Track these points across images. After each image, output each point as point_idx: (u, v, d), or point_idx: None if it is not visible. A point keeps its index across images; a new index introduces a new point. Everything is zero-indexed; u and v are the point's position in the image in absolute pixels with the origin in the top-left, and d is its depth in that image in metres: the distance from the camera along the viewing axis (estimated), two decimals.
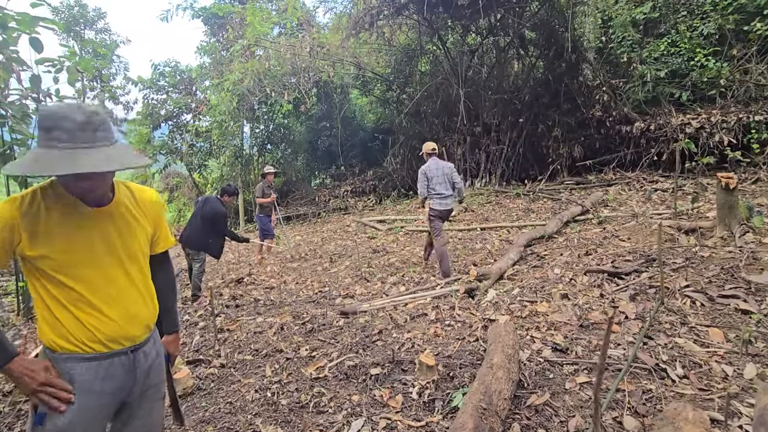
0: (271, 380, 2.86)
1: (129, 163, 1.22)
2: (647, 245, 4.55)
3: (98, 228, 1.29)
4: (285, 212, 14.56)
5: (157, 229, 1.51)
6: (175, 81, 16.28)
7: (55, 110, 1.14)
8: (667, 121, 8.82)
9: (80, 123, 1.14)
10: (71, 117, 1.13)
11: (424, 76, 12.83)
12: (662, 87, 9.70)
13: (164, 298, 1.57)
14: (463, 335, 3.19)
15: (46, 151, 1.12)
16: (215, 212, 5.08)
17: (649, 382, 2.22)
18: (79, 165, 1.11)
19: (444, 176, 5.02)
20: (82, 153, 1.13)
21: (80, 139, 1.14)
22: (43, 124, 1.13)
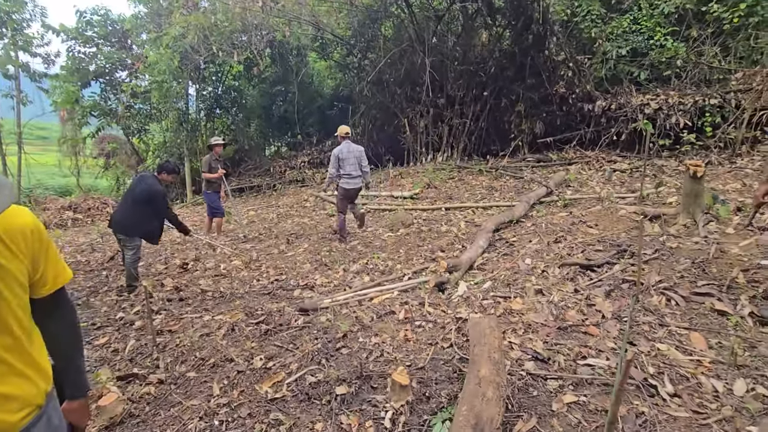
0: (219, 402, 2.46)
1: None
2: (615, 232, 4.50)
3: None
4: (237, 183, 13.63)
5: (39, 265, 1.06)
6: (106, 32, 14.30)
7: None
8: (627, 100, 8.89)
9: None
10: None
11: (388, 41, 12.08)
12: (623, 65, 9.73)
13: (64, 353, 1.18)
14: (436, 339, 2.94)
15: None
16: (150, 191, 4.41)
17: (640, 403, 2.07)
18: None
19: (355, 159, 5.63)
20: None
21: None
22: None
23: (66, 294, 1.20)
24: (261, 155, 15.97)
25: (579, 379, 2.31)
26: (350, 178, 5.66)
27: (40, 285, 1.09)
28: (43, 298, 1.11)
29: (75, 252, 6.91)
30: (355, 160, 5.67)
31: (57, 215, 11.50)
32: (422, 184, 9.01)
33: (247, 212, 9.72)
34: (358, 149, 5.76)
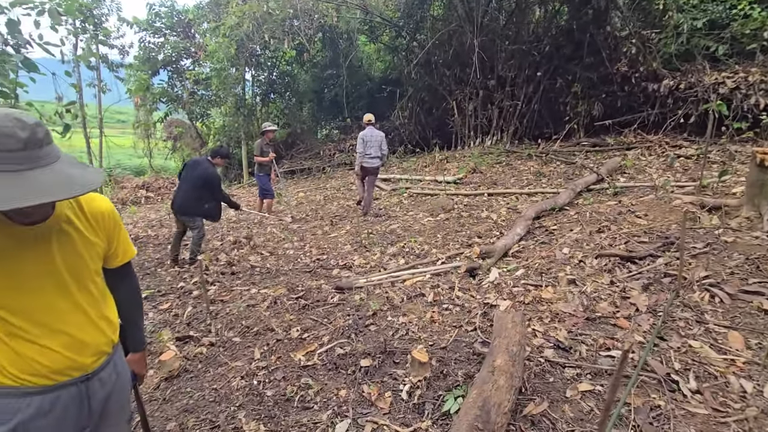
0: (259, 365, 2.76)
1: (90, 182, 1.04)
2: (665, 224, 4.25)
3: (32, 248, 1.10)
4: (289, 166, 14.24)
5: (113, 242, 1.32)
6: (172, 23, 15.32)
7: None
8: (699, 79, 8.09)
9: (22, 140, 0.95)
10: (10, 135, 0.94)
11: (437, 21, 11.85)
12: (697, 39, 8.80)
13: (128, 314, 1.43)
14: (461, 323, 3.03)
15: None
16: (207, 176, 4.82)
17: (658, 396, 2.05)
18: (30, 193, 0.92)
19: (376, 143, 6.58)
20: (19, 180, 0.93)
21: (20, 162, 0.95)
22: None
23: (131, 266, 1.46)
24: (312, 138, 16.49)
25: (598, 369, 2.31)
26: (370, 158, 6.62)
27: (113, 258, 1.35)
28: (115, 269, 1.37)
29: (146, 227, 7.70)
30: (377, 144, 6.59)
31: (132, 193, 12.79)
32: (467, 169, 8.90)
33: (297, 194, 10.20)
34: (380, 135, 6.69)
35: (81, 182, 1.02)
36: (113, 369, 1.31)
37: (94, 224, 1.24)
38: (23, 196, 0.91)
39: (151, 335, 3.33)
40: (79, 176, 1.03)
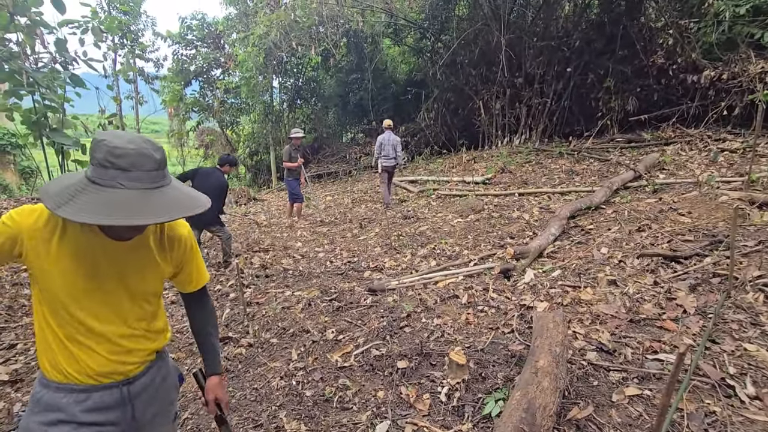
0: (297, 366, 2.81)
1: (203, 203, 1.10)
2: (712, 221, 4.05)
3: (113, 263, 1.16)
4: (316, 170, 14.45)
5: (185, 267, 1.35)
6: (203, 35, 15.92)
7: (129, 150, 0.97)
8: (743, 68, 7.66)
9: (157, 161, 1.01)
10: (149, 156, 1.00)
11: (462, 21, 11.75)
12: (740, 27, 8.34)
13: (204, 338, 1.46)
14: (497, 324, 2.99)
15: (119, 192, 0.96)
16: (222, 185, 5.05)
17: (713, 402, 1.95)
18: (159, 211, 0.98)
19: (392, 146, 7.70)
20: (158, 196, 1.00)
21: (154, 180, 1.01)
22: (118, 164, 0.97)
23: (206, 291, 1.45)
24: (338, 142, 16.70)
25: (645, 373, 2.22)
26: (387, 158, 7.76)
27: (186, 283, 1.37)
28: (190, 294, 1.41)
29: None
30: (392, 146, 7.71)
31: None
32: (496, 169, 8.77)
33: (325, 197, 10.34)
34: (396, 139, 7.79)
35: (197, 202, 1.08)
36: (157, 372, 1.34)
37: (168, 248, 1.28)
38: (157, 213, 0.97)
39: (191, 337, 3.45)
40: (192, 196, 1.09)
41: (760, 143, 6.59)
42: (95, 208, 0.93)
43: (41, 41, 5.51)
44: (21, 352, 3.34)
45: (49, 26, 5.32)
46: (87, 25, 6.41)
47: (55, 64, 5.69)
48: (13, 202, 9.20)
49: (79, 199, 0.94)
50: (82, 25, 6.28)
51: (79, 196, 0.95)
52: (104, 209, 0.93)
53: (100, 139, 0.99)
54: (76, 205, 0.93)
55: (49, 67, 5.40)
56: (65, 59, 5.70)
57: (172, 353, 3.19)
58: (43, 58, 5.65)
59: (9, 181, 14.42)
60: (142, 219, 0.95)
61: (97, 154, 0.98)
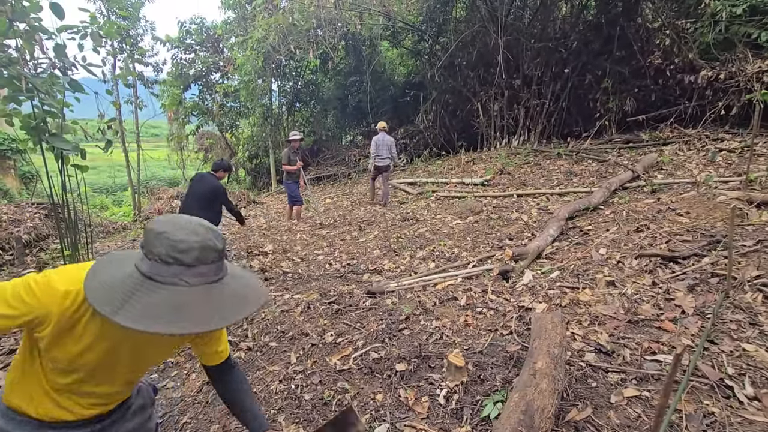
0: (296, 369, 2.81)
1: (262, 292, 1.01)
2: (710, 221, 4.05)
3: (135, 346, 1.12)
4: (315, 173, 14.47)
5: (202, 342, 1.29)
6: (202, 39, 15.95)
7: (194, 244, 0.88)
8: (740, 68, 7.69)
9: (219, 252, 0.92)
10: (213, 248, 0.90)
11: (459, 24, 11.79)
12: (737, 27, 8.37)
13: (241, 405, 1.34)
14: (496, 326, 2.98)
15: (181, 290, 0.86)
16: (214, 189, 4.97)
17: (711, 403, 1.95)
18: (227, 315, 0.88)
19: (386, 146, 8.09)
20: (219, 289, 0.91)
21: (216, 272, 0.92)
22: (182, 260, 0.87)
23: (231, 361, 1.36)
24: (337, 145, 16.73)
25: (644, 374, 2.22)
26: (380, 158, 8.15)
27: (211, 358, 1.31)
28: (216, 366, 1.33)
29: None
30: (386, 147, 8.11)
31: (168, 203, 13.31)
32: (494, 170, 8.78)
33: (324, 200, 10.34)
34: (390, 140, 8.19)
35: (258, 293, 0.99)
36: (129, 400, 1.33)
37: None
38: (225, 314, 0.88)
39: None
40: (251, 284, 1.00)
41: (758, 143, 6.60)
42: (159, 313, 0.83)
43: (40, 47, 5.51)
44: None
45: (48, 32, 5.33)
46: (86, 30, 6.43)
47: (54, 69, 5.71)
48: (14, 207, 9.21)
49: (138, 302, 0.84)
50: (81, 30, 6.30)
51: (136, 298, 0.85)
52: (169, 314, 0.83)
53: (160, 230, 0.89)
54: (135, 310, 0.83)
55: (49, 73, 5.41)
56: (64, 64, 5.72)
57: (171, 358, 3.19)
58: (42, 63, 5.66)
59: (9, 186, 14.43)
60: (212, 324, 0.85)
61: (157, 249, 0.87)
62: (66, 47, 5.84)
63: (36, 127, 5.00)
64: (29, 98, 4.90)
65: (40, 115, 5.02)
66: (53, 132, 5.10)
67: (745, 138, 7.25)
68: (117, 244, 8.06)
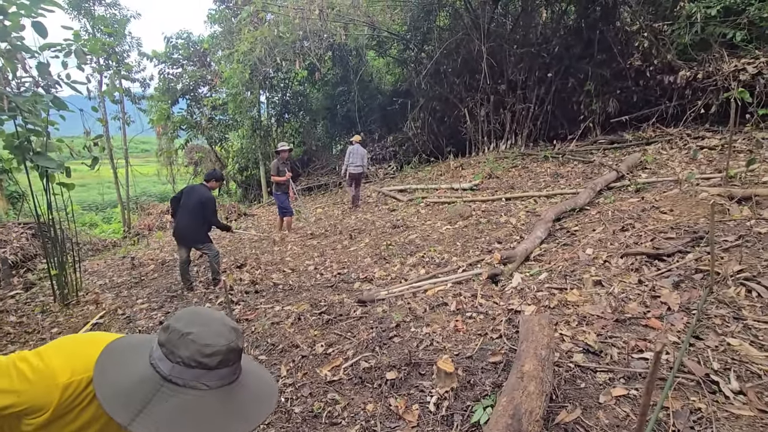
0: (285, 382, 2.78)
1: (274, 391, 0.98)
2: (693, 218, 4.11)
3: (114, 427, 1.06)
4: (306, 183, 14.46)
5: None
6: (189, 53, 15.98)
7: (220, 347, 0.84)
8: (717, 67, 7.88)
9: (239, 351, 0.88)
10: (235, 349, 0.87)
11: (443, 32, 11.95)
12: (713, 27, 8.59)
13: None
14: (486, 330, 2.99)
15: (194, 398, 0.82)
16: (206, 199, 4.98)
17: (698, 399, 1.96)
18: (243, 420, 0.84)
19: (360, 156, 8.94)
20: (237, 391, 0.87)
21: (235, 372, 0.89)
22: (206, 363, 0.83)
23: None
24: (327, 154, 16.75)
25: (632, 372, 2.23)
26: (354, 166, 8.93)
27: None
28: None
29: (172, 251, 7.91)
30: (360, 157, 8.93)
31: (158, 219, 13.20)
32: (483, 175, 8.85)
33: (315, 210, 10.32)
34: (363, 151, 9.08)
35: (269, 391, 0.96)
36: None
37: None
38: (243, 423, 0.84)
39: None
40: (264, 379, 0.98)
41: (737, 139, 6.74)
42: (178, 420, 0.79)
43: (23, 65, 5.48)
44: None
45: (31, 50, 5.30)
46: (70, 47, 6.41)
47: (38, 87, 5.67)
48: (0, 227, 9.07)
49: (155, 408, 0.79)
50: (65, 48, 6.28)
51: (154, 404, 0.80)
52: (191, 423, 0.79)
53: (185, 331, 0.83)
54: (152, 418, 0.78)
55: (32, 91, 5.38)
56: (48, 83, 5.69)
57: None
58: (25, 82, 5.62)
59: None
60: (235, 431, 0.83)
61: (181, 351, 0.82)
62: (50, 65, 5.80)
63: (20, 146, 4.95)
64: (12, 117, 4.85)
65: (23, 134, 4.97)
66: (37, 150, 5.05)
67: (725, 135, 7.40)
68: (106, 261, 7.96)
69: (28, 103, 4.97)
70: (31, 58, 5.77)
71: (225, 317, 0.93)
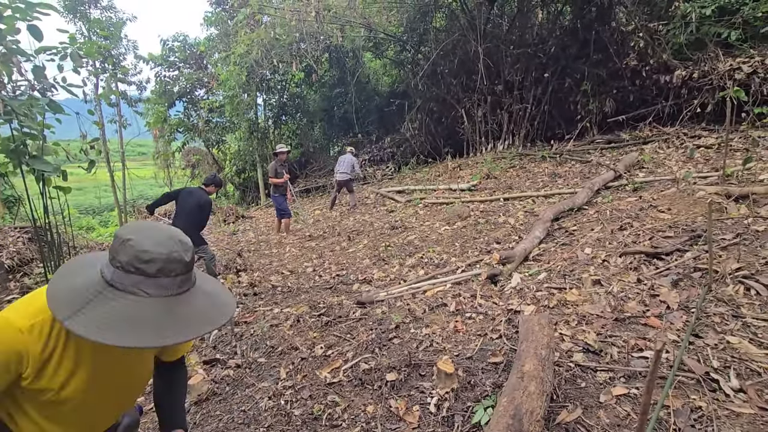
0: (285, 385, 2.77)
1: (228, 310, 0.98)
2: (691, 217, 4.12)
3: (111, 359, 1.06)
4: (304, 185, 14.43)
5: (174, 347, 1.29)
6: (185, 56, 15.94)
7: (157, 255, 0.86)
8: (713, 66, 7.92)
9: (186, 264, 0.90)
10: (179, 261, 0.89)
11: (440, 33, 11.97)
12: (708, 27, 8.64)
13: (174, 400, 1.33)
14: (485, 330, 2.98)
15: (141, 301, 0.85)
16: (204, 201, 4.99)
17: (698, 397, 1.96)
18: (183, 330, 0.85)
19: (345, 163, 9.30)
20: (181, 304, 0.89)
21: (181, 285, 0.90)
22: (144, 270, 0.85)
23: (183, 359, 1.38)
24: (325, 156, 16.74)
25: (632, 371, 2.23)
26: (339, 173, 9.33)
27: (171, 355, 1.30)
28: (170, 362, 1.32)
29: None
30: (345, 164, 9.27)
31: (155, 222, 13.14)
32: (481, 175, 8.86)
33: (313, 212, 10.31)
34: (350, 158, 9.43)
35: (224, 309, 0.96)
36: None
37: None
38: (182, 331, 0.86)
39: None
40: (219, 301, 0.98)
41: (733, 138, 6.78)
42: (112, 324, 0.80)
43: (18, 69, 5.45)
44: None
45: (26, 54, 5.27)
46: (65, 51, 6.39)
47: (34, 91, 5.65)
48: None
49: (96, 310, 0.82)
50: (61, 51, 6.25)
51: (94, 305, 0.83)
52: (122, 326, 0.81)
53: (126, 237, 0.87)
54: (88, 318, 0.81)
55: (28, 95, 5.35)
56: (43, 86, 5.66)
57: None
58: (20, 85, 5.60)
59: None
60: (164, 340, 0.82)
61: (121, 257, 0.86)
62: (45, 69, 5.78)
63: (15, 150, 4.92)
64: (7, 121, 4.82)
65: (19, 137, 4.95)
66: (33, 154, 5.02)
67: (721, 134, 7.43)
68: None
69: (23, 106, 4.94)
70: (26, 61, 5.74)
71: (176, 232, 0.94)
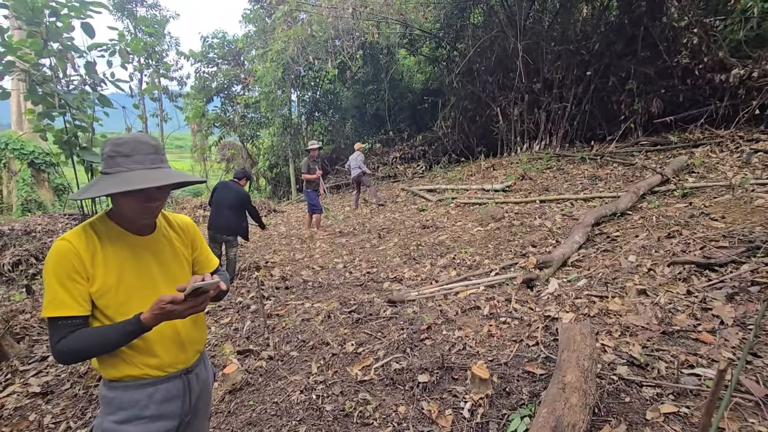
0: (316, 379, 2.78)
1: (191, 177, 1.27)
2: (747, 226, 3.84)
3: (148, 256, 1.29)
4: (335, 181, 14.57)
5: (197, 248, 1.48)
6: (224, 52, 16.42)
7: (128, 139, 1.20)
8: None
9: (153, 146, 1.22)
10: (145, 143, 1.21)
11: (477, 29, 11.73)
12: None
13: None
14: (521, 336, 2.89)
15: (125, 173, 1.17)
16: (243, 196, 5.16)
17: (757, 421, 1.82)
18: (160, 179, 1.17)
19: (354, 161, 9.67)
20: (158, 171, 1.20)
21: (153, 162, 1.21)
22: (120, 151, 1.18)
23: (220, 266, 1.57)
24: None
25: (682, 389, 2.10)
26: (353, 170, 9.70)
27: (201, 266, 1.47)
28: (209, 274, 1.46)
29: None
30: (356, 162, 9.64)
31: (191, 213, 13.61)
32: (516, 176, 8.63)
33: (344, 208, 10.38)
34: (361, 157, 9.74)
35: (192, 175, 1.24)
36: (204, 368, 1.43)
37: (182, 234, 1.43)
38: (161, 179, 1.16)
39: (214, 348, 3.48)
40: (181, 174, 1.28)
41: None
42: (109, 187, 1.13)
43: (72, 64, 5.74)
44: (52, 365, 3.43)
45: (79, 50, 5.55)
46: (114, 47, 6.69)
47: (85, 85, 5.95)
48: (47, 218, 9.60)
49: (96, 186, 1.17)
50: (110, 47, 6.56)
51: (94, 185, 1.18)
52: (119, 183, 1.13)
53: (109, 138, 1.21)
54: (93, 191, 1.16)
55: (80, 89, 5.64)
56: (94, 81, 5.95)
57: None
58: (73, 80, 5.91)
59: (44, 197, 15.08)
60: (150, 183, 1.13)
61: (104, 150, 1.19)
62: (96, 64, 6.07)
63: (68, 141, 5.20)
64: (61, 114, 5.10)
65: (71, 129, 5.22)
66: (83, 146, 5.29)
67: None
68: None
69: (76, 100, 5.20)
70: (79, 57, 6.05)
71: (149, 135, 1.26)
